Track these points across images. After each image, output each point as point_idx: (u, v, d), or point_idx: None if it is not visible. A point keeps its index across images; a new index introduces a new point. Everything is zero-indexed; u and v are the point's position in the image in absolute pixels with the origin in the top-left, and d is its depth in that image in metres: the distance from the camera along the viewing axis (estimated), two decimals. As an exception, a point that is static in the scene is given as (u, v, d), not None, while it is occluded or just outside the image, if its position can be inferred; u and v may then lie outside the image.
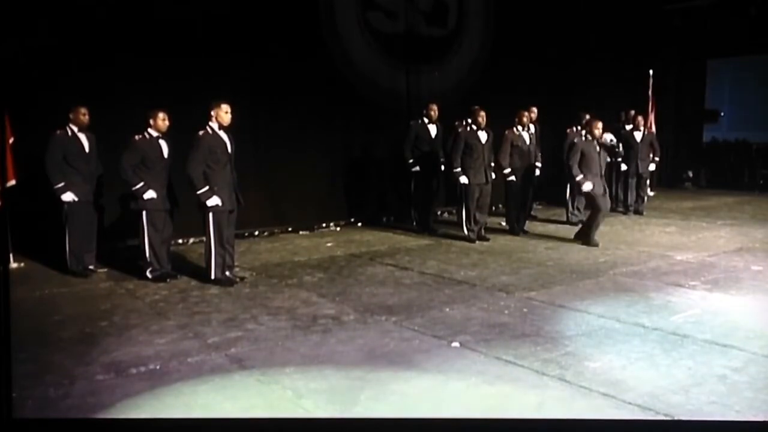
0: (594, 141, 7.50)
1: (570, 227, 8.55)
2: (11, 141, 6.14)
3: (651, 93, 11.62)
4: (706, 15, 13.17)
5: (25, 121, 6.06)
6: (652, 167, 10.28)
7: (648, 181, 10.51)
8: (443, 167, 8.51)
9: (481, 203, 7.87)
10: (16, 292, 4.75)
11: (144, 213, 5.85)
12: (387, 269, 6.49)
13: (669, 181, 13.84)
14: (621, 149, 9.26)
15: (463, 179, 7.73)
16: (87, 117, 6.09)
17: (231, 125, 5.77)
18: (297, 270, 6.48)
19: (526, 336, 4.40)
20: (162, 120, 5.86)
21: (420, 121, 8.59)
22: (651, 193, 11.12)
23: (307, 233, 8.67)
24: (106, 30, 7.02)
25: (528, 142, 8.31)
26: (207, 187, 5.63)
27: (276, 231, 8.61)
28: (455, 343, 4.25)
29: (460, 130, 8.11)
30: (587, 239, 7.56)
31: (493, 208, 9.15)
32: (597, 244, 7.46)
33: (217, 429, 3.20)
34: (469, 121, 7.86)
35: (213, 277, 5.79)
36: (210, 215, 5.71)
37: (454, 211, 9.34)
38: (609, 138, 7.82)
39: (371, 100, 9.45)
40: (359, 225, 9.23)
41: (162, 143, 5.89)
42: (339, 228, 9.06)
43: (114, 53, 7.04)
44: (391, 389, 3.55)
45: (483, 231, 7.97)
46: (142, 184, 5.77)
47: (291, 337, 4.41)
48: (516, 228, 8.38)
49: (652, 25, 12.99)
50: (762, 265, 6.40)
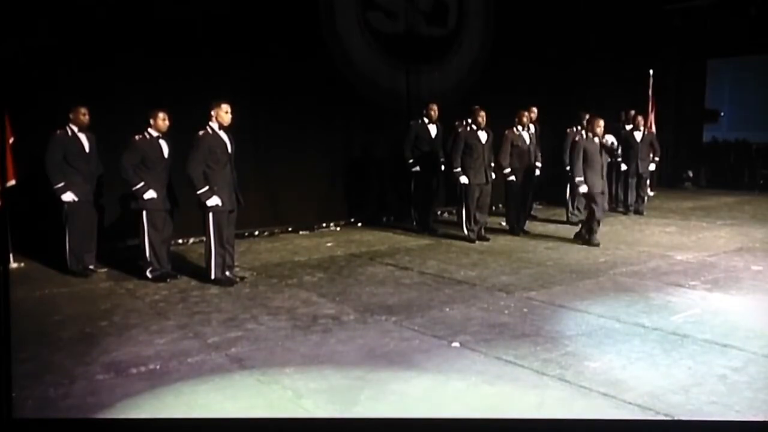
0: (595, 138, 7.51)
1: (570, 227, 8.55)
2: (11, 141, 6.14)
3: (651, 93, 11.61)
4: (706, 15, 13.17)
5: (25, 121, 6.06)
6: (652, 167, 10.28)
7: (648, 181, 10.51)
8: (443, 167, 8.52)
9: (481, 203, 7.88)
10: (16, 292, 4.77)
11: (144, 213, 5.86)
12: (387, 269, 6.49)
13: (669, 181, 13.84)
14: (619, 152, 9.26)
15: (463, 179, 7.73)
16: (87, 117, 6.10)
17: (231, 125, 5.78)
18: (297, 270, 6.48)
19: (526, 336, 4.40)
20: (162, 120, 5.86)
21: (420, 121, 8.59)
22: (651, 193, 11.11)
23: (307, 233, 8.67)
24: (106, 30, 7.02)
25: (528, 142, 8.31)
26: (207, 187, 5.64)
27: (276, 231, 8.61)
28: (455, 343, 4.25)
29: (460, 130, 8.11)
30: (587, 239, 7.56)
31: (493, 208, 9.15)
32: (597, 244, 7.46)
33: (217, 429, 3.20)
34: (469, 121, 7.86)
35: (213, 277, 5.80)
36: (210, 215, 5.71)
37: (454, 211, 9.34)
38: (610, 140, 7.82)
39: (371, 100, 9.45)
40: (359, 225, 9.23)
41: (162, 143, 5.90)
42: (339, 228, 9.06)
43: (114, 53, 7.04)
44: (391, 389, 3.55)
45: (483, 231, 7.97)
46: (142, 184, 5.77)
47: (291, 337, 4.41)
48: (516, 228, 8.38)
49: (652, 25, 12.98)
50: (762, 265, 6.40)
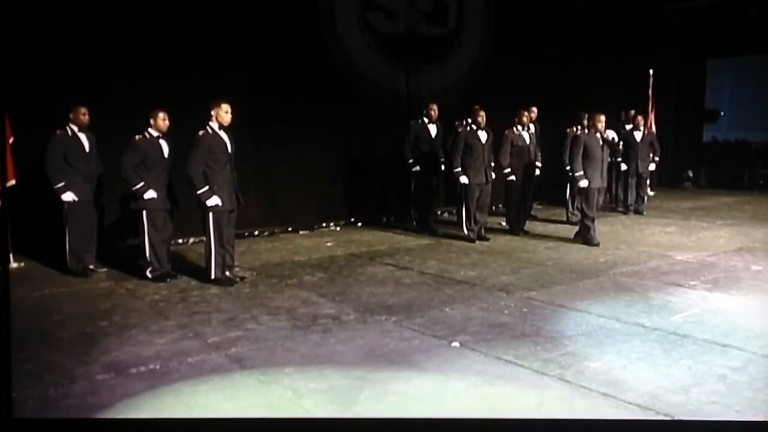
0: (597, 134, 7.50)
1: (570, 227, 8.55)
2: (11, 141, 6.14)
3: (651, 93, 11.62)
4: (706, 15, 13.18)
5: (25, 121, 6.05)
6: (652, 167, 10.29)
7: (648, 181, 10.52)
8: (443, 167, 8.52)
9: (481, 203, 7.88)
10: (16, 292, 4.76)
11: (144, 213, 5.85)
12: (387, 269, 6.49)
13: (669, 181, 13.85)
14: (621, 147, 9.27)
15: (464, 179, 7.73)
16: (87, 117, 6.10)
17: (231, 125, 5.77)
18: (297, 270, 6.48)
19: (526, 336, 4.40)
20: (162, 120, 5.86)
21: (420, 121, 8.59)
22: (651, 193, 11.12)
23: (307, 233, 8.67)
24: (106, 30, 7.02)
25: (528, 141, 8.31)
26: (207, 187, 5.64)
27: (276, 231, 8.61)
28: (455, 343, 4.25)
29: (460, 130, 8.12)
30: (587, 239, 7.56)
31: (493, 208, 9.16)
32: (597, 243, 7.46)
33: (217, 429, 3.20)
34: (469, 121, 7.87)
35: (213, 277, 5.80)
36: (210, 215, 5.71)
37: (454, 211, 9.35)
38: (611, 135, 7.81)
39: (371, 100, 9.45)
40: (359, 225, 9.23)
41: (162, 143, 5.89)
42: (339, 228, 9.06)
43: (114, 53, 7.04)
44: (391, 389, 3.55)
45: (483, 231, 7.97)
46: (142, 183, 5.77)
47: (291, 337, 4.41)
48: (516, 228, 8.38)
49: (652, 25, 12.98)
50: (762, 265, 6.41)
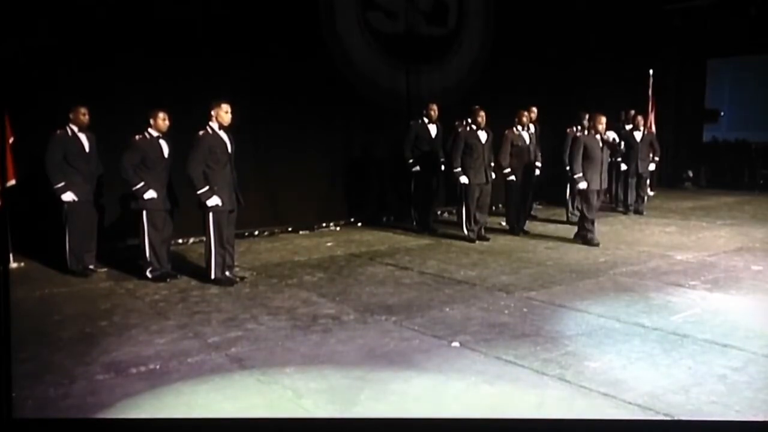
0: (597, 135, 7.50)
1: (570, 227, 8.54)
2: (11, 141, 6.14)
3: (651, 93, 11.62)
4: (706, 15, 13.18)
5: (25, 121, 6.05)
6: (652, 167, 10.28)
7: (648, 181, 10.52)
8: (443, 167, 8.52)
9: (481, 203, 7.88)
10: (16, 292, 4.77)
11: (144, 213, 5.85)
12: (387, 269, 6.49)
13: (669, 181, 13.85)
14: (623, 147, 9.26)
15: (464, 179, 7.73)
16: (87, 117, 6.10)
17: (231, 125, 5.77)
18: (297, 270, 6.48)
19: (526, 336, 4.40)
20: (162, 120, 5.86)
21: (420, 121, 8.58)
22: (651, 193, 11.12)
23: (307, 233, 8.67)
24: (106, 30, 7.01)
25: (528, 141, 8.31)
26: (207, 187, 5.64)
27: (276, 231, 8.61)
28: (455, 343, 4.25)
29: (460, 130, 8.12)
30: (586, 239, 7.56)
31: (493, 208, 9.16)
32: (597, 243, 7.46)
33: (217, 429, 3.20)
34: (469, 121, 7.86)
35: (213, 277, 5.80)
36: (210, 215, 5.71)
37: (454, 211, 9.35)
38: (612, 136, 7.80)
39: (371, 100, 9.45)
40: (359, 225, 9.23)
41: (162, 143, 5.89)
42: (339, 228, 9.06)
43: (114, 53, 7.04)
44: (391, 389, 3.55)
45: (483, 231, 7.97)
46: (142, 184, 5.77)
47: (291, 337, 4.41)
48: (516, 228, 8.38)
49: (652, 25, 12.98)
50: (762, 265, 6.40)
